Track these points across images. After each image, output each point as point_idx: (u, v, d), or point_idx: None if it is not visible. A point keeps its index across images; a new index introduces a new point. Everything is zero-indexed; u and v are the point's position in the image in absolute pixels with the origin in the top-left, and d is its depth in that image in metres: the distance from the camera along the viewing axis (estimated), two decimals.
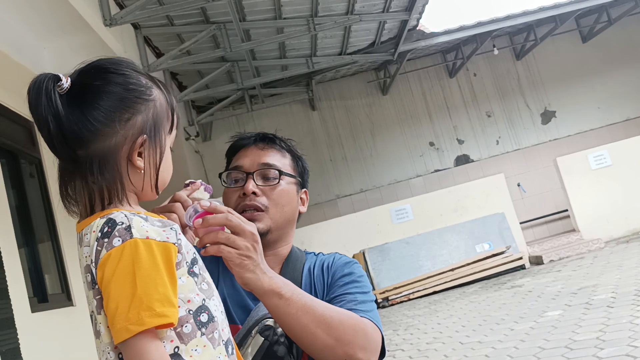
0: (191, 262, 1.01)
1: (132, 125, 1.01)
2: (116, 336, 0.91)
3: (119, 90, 1.00)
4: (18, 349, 4.09)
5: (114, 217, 0.96)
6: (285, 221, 1.47)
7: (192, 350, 0.96)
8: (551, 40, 11.59)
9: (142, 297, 0.90)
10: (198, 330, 0.97)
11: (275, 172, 1.47)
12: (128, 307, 0.90)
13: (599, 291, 5.48)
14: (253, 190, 1.43)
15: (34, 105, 0.97)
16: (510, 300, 6.39)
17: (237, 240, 1.19)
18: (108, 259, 0.92)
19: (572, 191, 9.50)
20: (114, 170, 1.00)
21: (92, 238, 0.96)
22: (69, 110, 0.98)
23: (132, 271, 0.91)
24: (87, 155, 0.99)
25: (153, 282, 0.92)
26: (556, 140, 11.82)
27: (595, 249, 8.85)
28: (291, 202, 1.49)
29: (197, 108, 10.68)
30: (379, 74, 11.74)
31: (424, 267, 9.06)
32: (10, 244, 4.45)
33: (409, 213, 9.66)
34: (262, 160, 1.47)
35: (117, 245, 0.93)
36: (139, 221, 0.96)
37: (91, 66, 1.02)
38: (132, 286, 0.91)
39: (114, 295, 0.91)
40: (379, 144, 11.80)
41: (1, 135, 4.76)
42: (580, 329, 4.21)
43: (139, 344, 0.91)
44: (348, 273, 1.44)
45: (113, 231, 0.94)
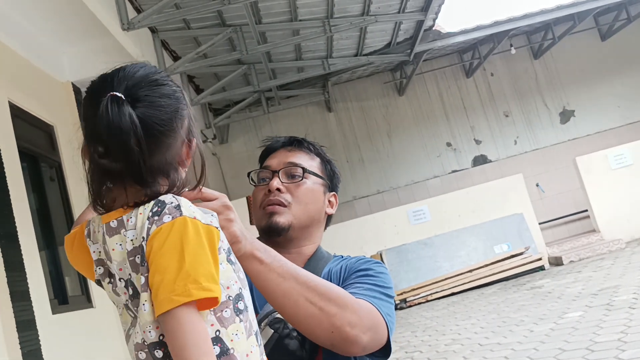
0: (228, 250, 1.05)
1: (184, 131, 1.07)
2: (159, 307, 0.92)
3: (173, 102, 1.05)
4: (39, 351, 4.14)
5: (162, 198, 1.00)
6: (309, 219, 1.48)
7: (232, 334, 0.98)
8: (569, 39, 11.48)
9: (189, 270, 0.92)
10: (236, 316, 1.00)
11: (300, 170, 1.49)
12: (174, 279, 0.92)
13: (620, 292, 5.41)
14: (277, 187, 1.45)
15: (117, 123, 0.97)
16: (529, 302, 6.33)
17: (215, 193, 1.19)
18: (157, 233, 0.95)
19: (592, 191, 9.39)
20: (175, 171, 1.05)
21: (140, 219, 0.99)
22: None
23: (181, 246, 0.94)
24: (152, 164, 1.01)
25: (199, 258, 0.94)
26: (575, 139, 11.70)
27: (616, 249, 8.73)
28: (316, 201, 1.50)
29: (214, 111, 10.73)
30: (395, 74, 11.71)
31: (442, 268, 9.01)
32: (31, 247, 4.51)
33: (427, 214, 9.62)
34: (289, 159, 1.51)
35: (167, 221, 0.96)
36: (187, 202, 1.00)
37: (139, 78, 1.03)
38: (180, 259, 0.93)
39: (160, 268, 0.93)
40: (395, 145, 11.76)
41: (22, 139, 4.82)
42: (601, 331, 4.16)
43: (182, 315, 0.91)
44: (364, 268, 1.42)
45: (163, 209, 0.97)
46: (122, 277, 1.01)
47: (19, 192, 4.52)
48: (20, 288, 4.14)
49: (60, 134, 5.50)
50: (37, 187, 5.35)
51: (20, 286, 4.14)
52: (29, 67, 4.96)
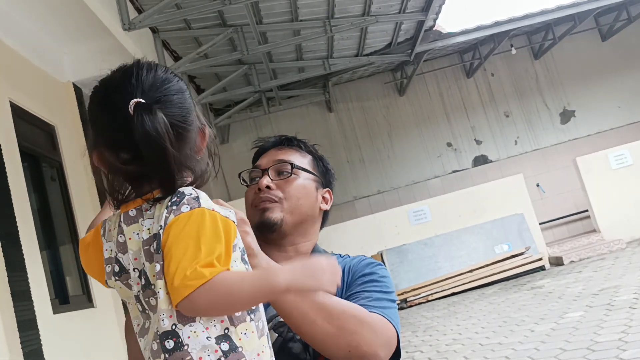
0: (243, 250, 1.07)
1: (196, 121, 1.09)
2: (174, 296, 0.94)
3: (184, 95, 1.07)
4: (40, 350, 4.15)
5: (182, 189, 1.02)
6: (302, 215, 1.47)
7: (241, 334, 0.99)
8: (570, 39, 11.48)
9: (203, 256, 0.94)
10: (247, 315, 1.01)
11: (289, 166, 1.50)
12: (187, 266, 0.93)
13: (620, 292, 5.41)
14: (267, 185, 1.46)
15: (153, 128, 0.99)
16: (530, 302, 6.33)
17: None
18: (175, 222, 0.97)
19: (592, 191, 9.39)
20: (197, 164, 1.07)
21: (159, 208, 1.01)
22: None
23: (197, 235, 0.95)
24: (180, 158, 1.03)
25: (214, 248, 0.96)
26: (576, 139, 11.70)
27: (617, 249, 8.73)
28: (308, 197, 1.49)
29: (215, 111, 10.74)
30: (395, 75, 11.71)
31: (442, 268, 9.01)
32: (32, 247, 4.51)
33: (427, 214, 9.62)
34: (278, 157, 1.51)
35: (185, 211, 0.98)
36: (206, 196, 1.03)
37: (154, 79, 1.05)
38: (196, 248, 0.94)
39: (176, 258, 0.94)
40: (396, 145, 11.77)
41: (23, 139, 4.82)
42: (602, 331, 4.16)
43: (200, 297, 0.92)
44: (369, 273, 1.42)
45: (182, 200, 0.99)
46: (136, 267, 1.02)
47: (20, 192, 4.52)
48: (21, 288, 4.14)
49: (61, 133, 5.51)
50: (38, 187, 5.36)
51: (21, 286, 4.14)
52: (30, 67, 4.96)
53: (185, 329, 0.97)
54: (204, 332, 0.97)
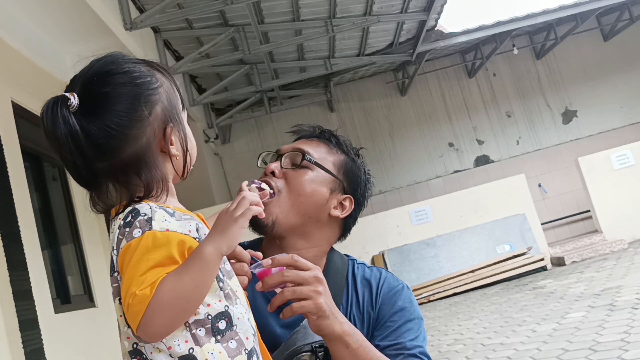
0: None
1: (155, 118, 1.00)
2: (131, 323, 0.89)
3: (129, 89, 0.98)
4: (42, 350, 4.15)
5: (139, 207, 0.95)
6: (300, 214, 1.34)
7: (208, 353, 0.93)
8: (572, 39, 11.47)
9: (147, 281, 0.89)
10: (212, 336, 0.94)
11: (306, 158, 1.37)
12: (134, 295, 0.88)
13: (623, 292, 5.40)
14: (272, 170, 1.36)
15: (52, 132, 0.95)
16: (532, 302, 6.32)
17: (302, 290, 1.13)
18: (127, 250, 0.92)
19: (594, 191, 9.37)
20: (154, 167, 0.99)
21: (116, 225, 0.96)
22: (88, 126, 0.96)
23: (145, 261, 0.90)
24: (122, 161, 0.97)
25: (160, 271, 0.90)
26: (578, 140, 11.68)
27: (619, 249, 8.72)
28: (313, 196, 1.35)
29: (216, 111, 10.74)
30: (397, 74, 11.71)
31: (444, 268, 9.00)
32: (34, 246, 4.52)
33: (429, 214, 9.60)
34: (299, 146, 1.40)
35: (136, 236, 0.92)
36: (162, 215, 0.95)
37: (91, 74, 1.00)
38: (140, 275, 0.89)
39: (124, 287, 0.90)
40: (397, 145, 11.76)
41: (25, 138, 4.83)
42: (604, 331, 4.15)
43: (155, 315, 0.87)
44: (399, 310, 1.34)
45: (134, 221, 0.93)
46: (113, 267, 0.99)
47: (22, 192, 4.53)
48: (23, 287, 4.14)
49: None
50: (40, 187, 5.36)
51: (22, 285, 4.14)
52: (32, 67, 4.96)
53: (148, 346, 0.93)
54: (165, 351, 0.92)
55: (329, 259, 1.39)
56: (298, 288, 1.13)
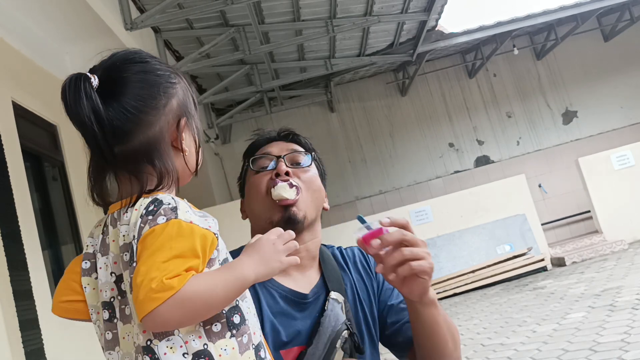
0: (223, 262, 0.99)
1: (170, 110, 1.02)
2: (140, 310, 0.87)
3: (151, 77, 1.01)
4: (42, 350, 4.15)
5: (161, 198, 0.95)
6: (315, 209, 1.41)
7: (221, 349, 0.94)
8: (572, 40, 11.47)
9: (171, 268, 0.88)
10: (228, 331, 0.95)
11: (306, 157, 1.43)
12: (153, 278, 0.87)
13: (623, 293, 5.40)
14: (286, 170, 1.37)
15: (74, 107, 0.95)
16: (532, 302, 6.32)
17: (420, 252, 1.18)
18: (150, 234, 0.90)
19: (594, 192, 9.37)
20: (164, 156, 0.99)
21: (135, 215, 0.94)
22: (106, 108, 0.96)
23: (169, 248, 0.89)
24: (135, 147, 0.98)
25: (186, 261, 0.90)
26: (578, 140, 11.69)
27: (619, 250, 8.72)
28: (320, 190, 1.43)
29: (217, 111, 10.74)
30: (397, 75, 11.71)
31: (444, 268, 9.00)
32: (34, 246, 4.51)
33: (429, 214, 9.60)
34: (291, 147, 1.44)
35: (160, 222, 0.91)
36: (185, 206, 0.96)
37: (115, 59, 1.02)
38: (165, 261, 0.88)
39: (142, 270, 0.88)
40: (398, 145, 11.76)
41: (25, 138, 4.82)
42: (604, 331, 4.15)
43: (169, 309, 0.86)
44: None
45: (159, 209, 0.93)
46: (114, 272, 0.97)
47: (22, 192, 4.52)
48: (23, 287, 4.14)
49: (64, 133, 5.51)
50: (40, 187, 5.36)
51: (23, 285, 4.14)
52: (33, 67, 4.96)
53: (162, 344, 0.91)
54: (182, 347, 0.91)
55: (320, 250, 1.46)
56: (415, 249, 1.18)
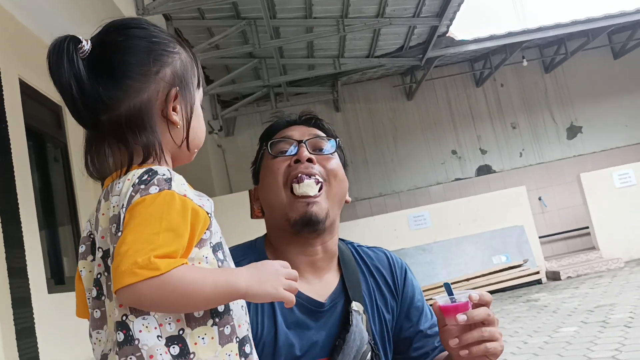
0: (216, 245, 0.94)
1: (162, 78, 0.97)
2: (117, 280, 0.82)
3: (144, 43, 0.97)
4: (33, 328, 4.15)
5: (156, 168, 0.91)
6: (338, 204, 1.29)
7: (198, 337, 0.88)
8: (582, 55, 11.46)
9: (161, 244, 0.83)
10: (211, 318, 0.90)
11: (330, 144, 1.30)
12: (140, 251, 0.82)
13: (616, 310, 5.40)
14: (309, 157, 1.24)
15: (55, 69, 0.92)
16: (525, 314, 6.31)
17: (496, 333, 1.17)
18: (140, 203, 0.86)
19: (594, 208, 9.37)
20: (151, 126, 0.95)
21: (127, 185, 0.89)
22: (94, 72, 0.94)
23: (159, 219, 0.84)
24: (120, 114, 0.94)
25: (174, 238, 0.84)
26: (581, 156, 11.68)
27: (615, 268, 8.71)
28: (345, 181, 1.30)
29: (222, 102, 10.74)
30: (405, 79, 11.71)
31: (439, 275, 8.99)
32: (31, 225, 4.52)
33: (427, 220, 9.60)
34: (314, 132, 1.32)
35: (153, 192, 0.87)
36: (180, 179, 0.91)
37: (110, 24, 0.99)
38: (154, 234, 0.83)
39: (129, 239, 0.83)
40: (400, 149, 11.76)
41: (29, 117, 4.83)
42: (595, 347, 4.15)
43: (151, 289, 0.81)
44: (417, 287, 1.40)
45: (152, 179, 0.89)
46: (101, 247, 0.91)
47: (23, 170, 4.53)
48: (18, 265, 4.14)
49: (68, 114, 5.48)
50: (41, 167, 5.36)
51: (18, 263, 4.14)
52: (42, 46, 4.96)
53: (137, 321, 0.85)
54: (156, 328, 0.86)
55: (338, 247, 1.35)
56: (493, 329, 1.16)
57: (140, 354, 0.84)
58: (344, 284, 1.29)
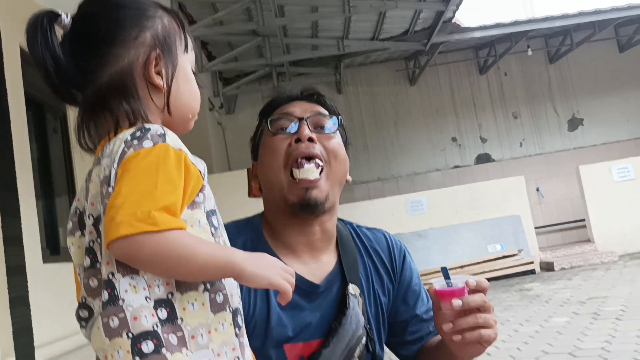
0: (210, 212, 0.93)
1: (142, 43, 0.96)
2: (112, 230, 0.79)
3: (121, 10, 0.96)
4: (27, 297, 4.16)
5: (148, 126, 0.89)
6: (339, 185, 1.27)
7: (187, 303, 0.85)
8: (587, 47, 11.40)
9: (160, 196, 0.81)
10: (202, 283, 0.87)
11: (332, 122, 1.27)
12: (138, 203, 0.80)
13: (608, 303, 5.43)
14: (309, 136, 1.22)
15: (30, 45, 0.94)
16: (517, 303, 6.35)
17: (491, 320, 1.16)
18: (134, 157, 0.84)
19: (591, 201, 9.38)
20: (133, 91, 0.94)
21: (118, 144, 0.88)
22: (74, 45, 0.94)
23: (156, 171, 0.83)
24: (102, 83, 0.94)
25: (172, 191, 0.83)
26: (581, 148, 11.67)
27: (609, 261, 8.75)
28: (346, 161, 1.28)
29: (224, 80, 10.68)
30: (408, 63, 11.64)
31: (434, 261, 9.02)
32: (28, 194, 4.51)
33: (425, 206, 9.61)
34: (315, 109, 1.29)
35: (147, 146, 0.85)
36: (174, 136, 0.90)
37: None
38: (151, 186, 0.81)
39: (125, 191, 0.81)
40: (401, 134, 11.73)
41: (30, 86, 4.79)
42: (585, 338, 4.17)
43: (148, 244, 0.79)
44: (415, 270, 1.41)
45: (146, 134, 0.87)
46: (91, 214, 0.88)
47: (22, 139, 4.51)
48: (14, 233, 4.15)
49: None
50: (40, 137, 5.34)
51: (13, 231, 4.14)
52: None
53: (124, 280, 0.82)
54: (144, 289, 0.83)
55: (337, 227, 1.32)
56: (488, 316, 1.16)
57: (123, 315, 0.81)
58: (341, 266, 1.27)
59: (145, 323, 0.81)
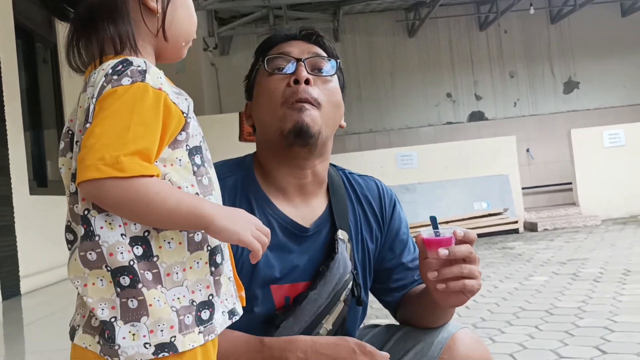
0: (193, 149, 0.90)
1: None
2: (81, 172, 0.79)
3: None
4: (13, 227, 4.17)
5: (131, 59, 0.86)
6: (332, 126, 1.26)
7: (164, 242, 0.85)
8: (590, 8, 11.24)
9: (132, 139, 0.80)
10: None
11: (330, 64, 1.25)
12: (108, 146, 0.79)
13: (587, 265, 5.53)
14: (307, 78, 1.20)
15: None
16: (499, 260, 6.45)
17: (476, 271, 1.16)
18: (111, 95, 0.82)
19: (580, 165, 9.44)
20: (124, 12, 0.90)
21: (100, 75, 0.85)
22: None
23: (130, 113, 0.81)
24: (93, 2, 0.90)
25: (145, 135, 0.81)
26: (575, 111, 11.66)
27: (592, 225, 8.87)
28: (340, 107, 1.27)
29: (219, 20, 10.46)
30: (408, 14, 11.45)
31: (420, 215, 9.10)
32: (16, 125, 4.46)
33: (414, 160, 9.63)
34: (314, 50, 1.26)
35: (125, 84, 0.82)
36: (157, 72, 0.87)
37: None
38: (124, 128, 0.80)
39: (97, 131, 0.80)
40: (396, 86, 11.64)
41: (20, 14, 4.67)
42: (563, 297, 4.26)
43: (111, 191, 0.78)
44: (404, 220, 1.41)
45: (126, 70, 0.84)
46: (78, 140, 0.87)
47: (11, 69, 4.42)
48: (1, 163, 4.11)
49: None
50: (30, 67, 5.24)
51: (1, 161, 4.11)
52: None
53: (99, 217, 0.83)
54: (120, 226, 0.83)
55: (329, 173, 1.32)
56: (473, 267, 1.16)
57: (100, 250, 0.83)
58: (331, 211, 1.28)
59: (121, 259, 0.82)
